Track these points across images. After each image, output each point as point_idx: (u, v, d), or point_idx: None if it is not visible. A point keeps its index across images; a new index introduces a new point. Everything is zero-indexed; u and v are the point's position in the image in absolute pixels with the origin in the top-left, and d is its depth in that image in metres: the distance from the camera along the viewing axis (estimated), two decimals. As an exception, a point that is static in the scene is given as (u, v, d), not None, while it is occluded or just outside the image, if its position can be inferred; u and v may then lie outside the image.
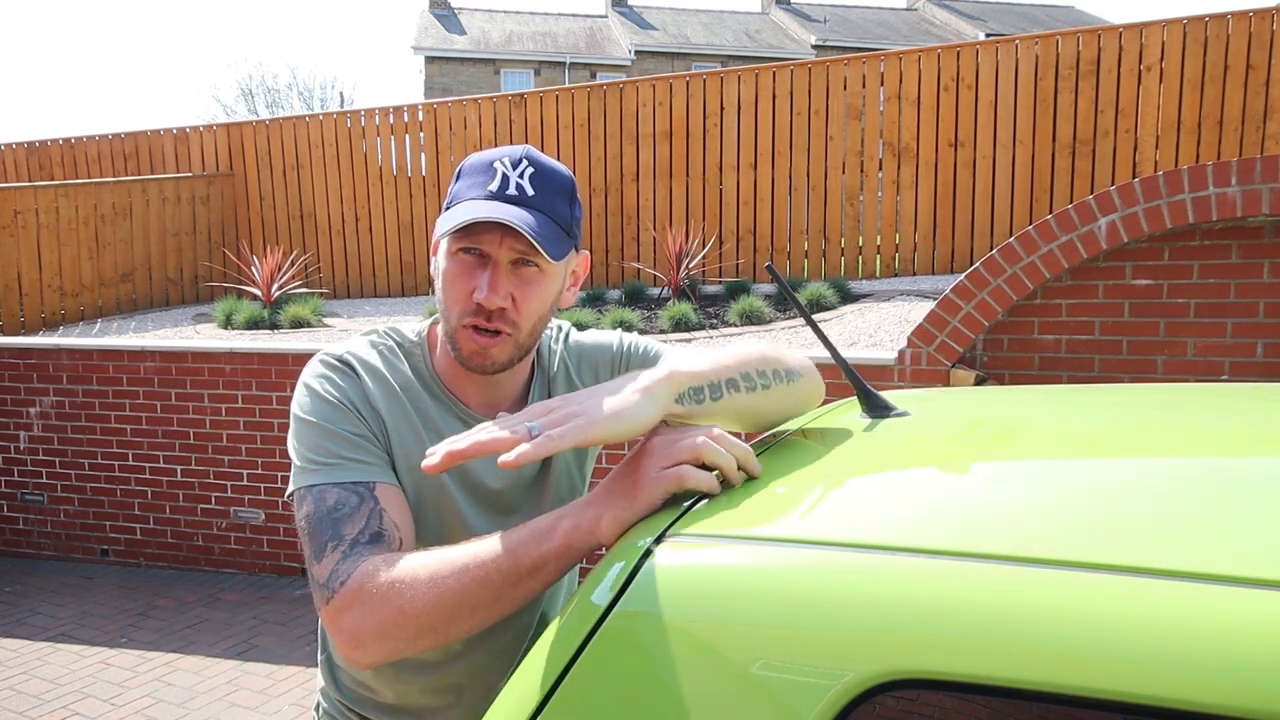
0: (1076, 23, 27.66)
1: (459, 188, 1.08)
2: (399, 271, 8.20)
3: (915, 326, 3.92)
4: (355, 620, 0.91)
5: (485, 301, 1.03)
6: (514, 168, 1.05)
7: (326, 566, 0.95)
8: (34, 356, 5.42)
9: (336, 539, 0.97)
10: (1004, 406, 1.23)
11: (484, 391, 1.15)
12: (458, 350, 1.08)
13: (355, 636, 0.91)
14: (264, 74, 40.96)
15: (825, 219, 7.10)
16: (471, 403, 1.15)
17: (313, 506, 1.00)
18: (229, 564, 5.21)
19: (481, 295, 1.03)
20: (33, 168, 9.36)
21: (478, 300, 1.04)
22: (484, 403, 1.15)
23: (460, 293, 1.06)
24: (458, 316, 1.07)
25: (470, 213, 1.01)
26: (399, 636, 0.89)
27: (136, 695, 3.73)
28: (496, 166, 1.06)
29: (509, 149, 1.08)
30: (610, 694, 0.70)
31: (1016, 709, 0.59)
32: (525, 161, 1.06)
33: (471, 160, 1.09)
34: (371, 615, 0.90)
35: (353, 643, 0.91)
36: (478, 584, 0.86)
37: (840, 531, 0.71)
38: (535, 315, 1.08)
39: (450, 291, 1.07)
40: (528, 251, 1.04)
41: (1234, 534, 0.65)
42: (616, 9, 28.47)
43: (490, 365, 1.08)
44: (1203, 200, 3.48)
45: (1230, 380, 3.62)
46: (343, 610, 0.92)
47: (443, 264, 1.08)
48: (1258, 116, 6.07)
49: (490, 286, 1.04)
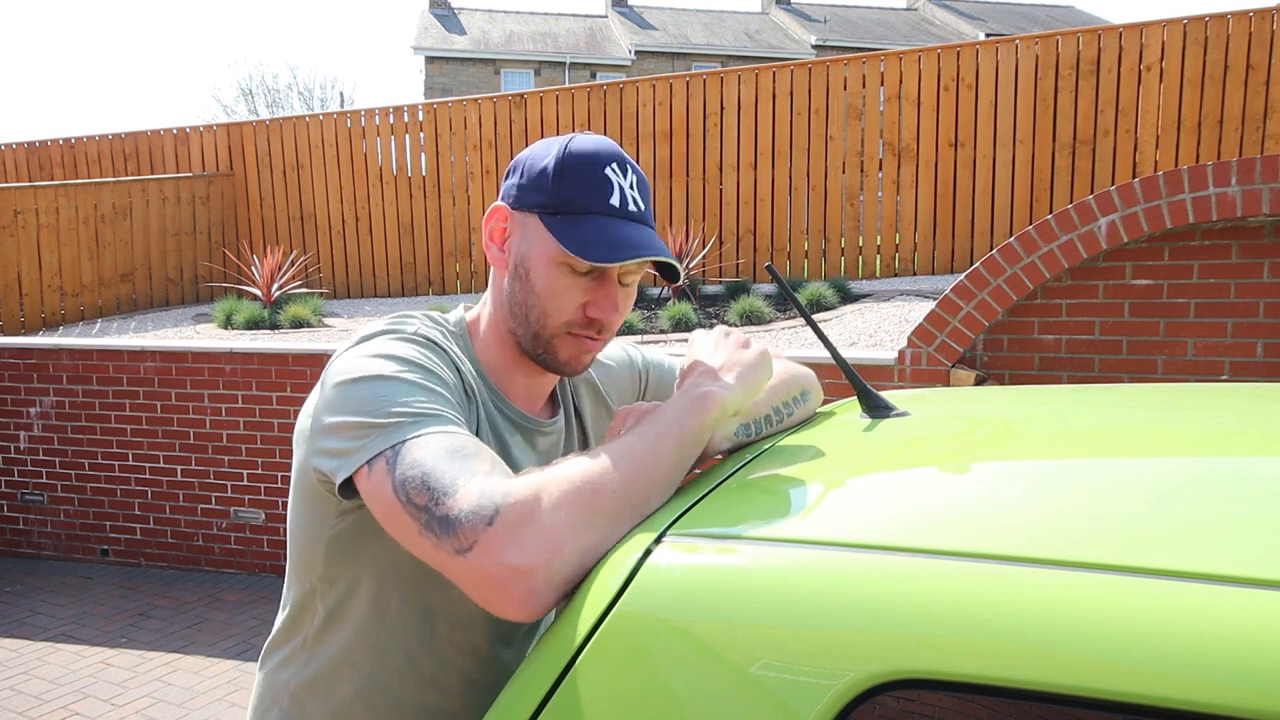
0: (1076, 23, 27.66)
1: (569, 192, 0.98)
2: (399, 272, 8.20)
3: (915, 326, 3.93)
4: (543, 529, 0.76)
5: (605, 319, 1.01)
6: (623, 175, 1.00)
7: (470, 493, 0.79)
8: (34, 356, 5.42)
9: (470, 472, 0.81)
10: (1004, 406, 1.23)
11: (531, 387, 1.11)
12: (552, 356, 1.03)
13: (548, 547, 0.75)
14: (264, 74, 41.03)
15: (825, 219, 7.10)
16: (515, 398, 1.10)
17: (421, 452, 0.82)
18: (229, 564, 5.21)
19: (600, 312, 1.00)
20: (33, 168, 9.36)
21: (594, 316, 1.01)
22: (526, 399, 1.12)
23: (569, 304, 1.00)
24: (562, 326, 1.01)
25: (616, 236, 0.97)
26: (599, 528, 0.78)
27: (136, 695, 3.73)
28: (610, 176, 0.99)
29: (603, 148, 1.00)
30: (610, 694, 0.70)
31: (1016, 709, 0.59)
32: (628, 167, 1.01)
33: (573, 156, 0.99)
34: (566, 511, 0.77)
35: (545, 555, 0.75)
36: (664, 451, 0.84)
37: (840, 531, 0.71)
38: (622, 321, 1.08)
39: (556, 302, 1.00)
40: (635, 270, 1.02)
41: (1233, 534, 0.65)
42: (616, 9, 28.47)
43: (583, 369, 1.07)
44: (1203, 200, 3.48)
45: (1230, 380, 3.62)
46: (520, 524, 0.76)
47: (546, 272, 1.00)
48: (1258, 116, 6.07)
49: (611, 304, 1.01)
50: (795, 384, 1.14)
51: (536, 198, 1.00)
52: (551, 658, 0.74)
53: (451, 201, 8.04)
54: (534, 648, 0.79)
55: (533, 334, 1.02)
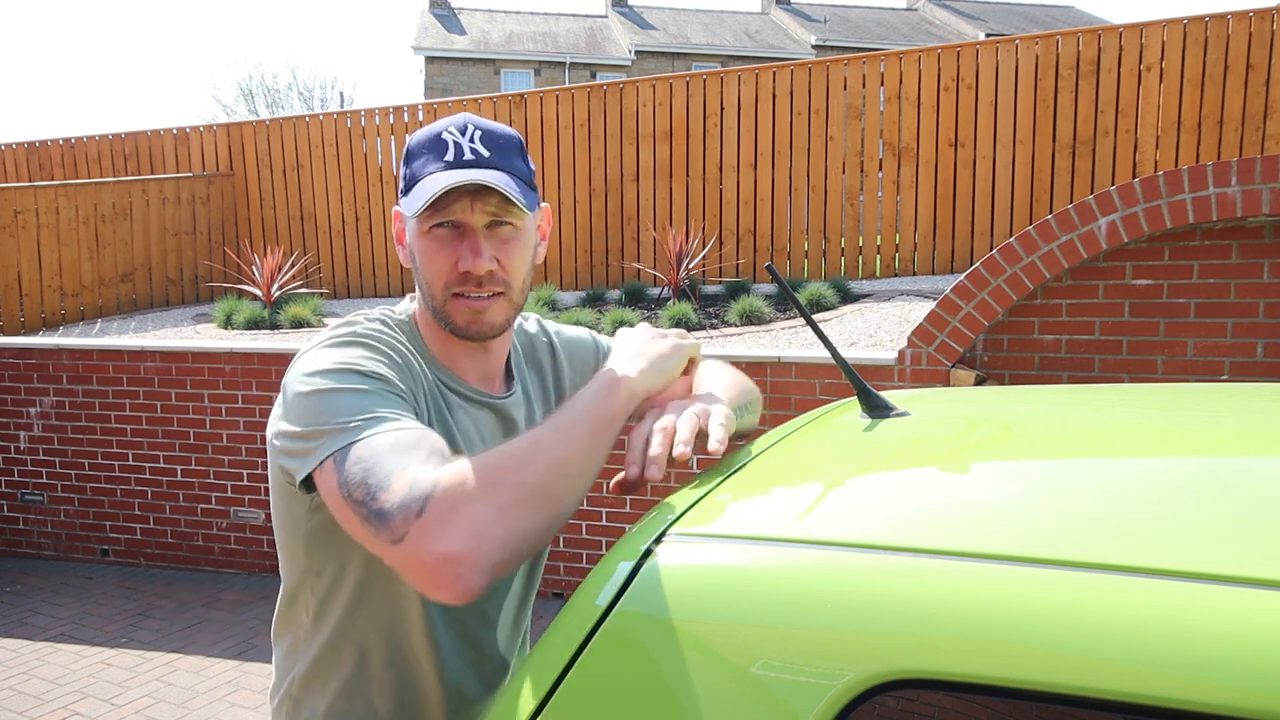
0: (1076, 23, 27.66)
1: (413, 168, 1.06)
2: (399, 271, 8.20)
3: (915, 326, 3.92)
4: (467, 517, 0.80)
5: (473, 268, 1.03)
6: (463, 134, 1.04)
7: (400, 486, 0.83)
8: (34, 356, 5.42)
9: (403, 465, 0.85)
10: (1004, 406, 1.23)
11: (478, 366, 1.15)
12: (451, 323, 1.07)
13: (473, 534, 0.80)
14: (264, 74, 40.99)
15: (825, 219, 7.10)
16: (469, 378, 1.14)
17: (362, 450, 0.88)
18: (229, 564, 5.21)
19: (467, 263, 1.03)
20: (33, 168, 9.36)
21: (464, 269, 1.03)
22: (480, 377, 1.15)
23: (442, 266, 1.05)
24: (443, 290, 1.06)
25: (436, 185, 1.00)
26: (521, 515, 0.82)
27: (136, 695, 3.73)
28: (445, 138, 1.04)
29: (449, 119, 1.07)
30: (610, 694, 0.70)
31: (1016, 709, 0.59)
32: (471, 126, 1.05)
33: (416, 138, 1.07)
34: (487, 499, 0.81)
35: (471, 543, 0.79)
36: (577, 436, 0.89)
37: (840, 531, 0.71)
38: (522, 272, 1.09)
39: (431, 267, 1.05)
40: (499, 211, 1.04)
41: (1233, 534, 0.65)
42: (616, 9, 28.47)
43: (489, 329, 1.08)
44: (1203, 200, 3.48)
45: (1230, 380, 3.62)
46: (446, 514, 0.80)
47: (418, 245, 1.06)
48: (1258, 116, 6.07)
49: (474, 252, 1.03)
50: (751, 395, 1.21)
51: (399, 188, 1.09)
52: (551, 658, 0.74)
53: (451, 201, 8.03)
54: (534, 648, 0.79)
55: (433, 308, 1.08)
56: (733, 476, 0.91)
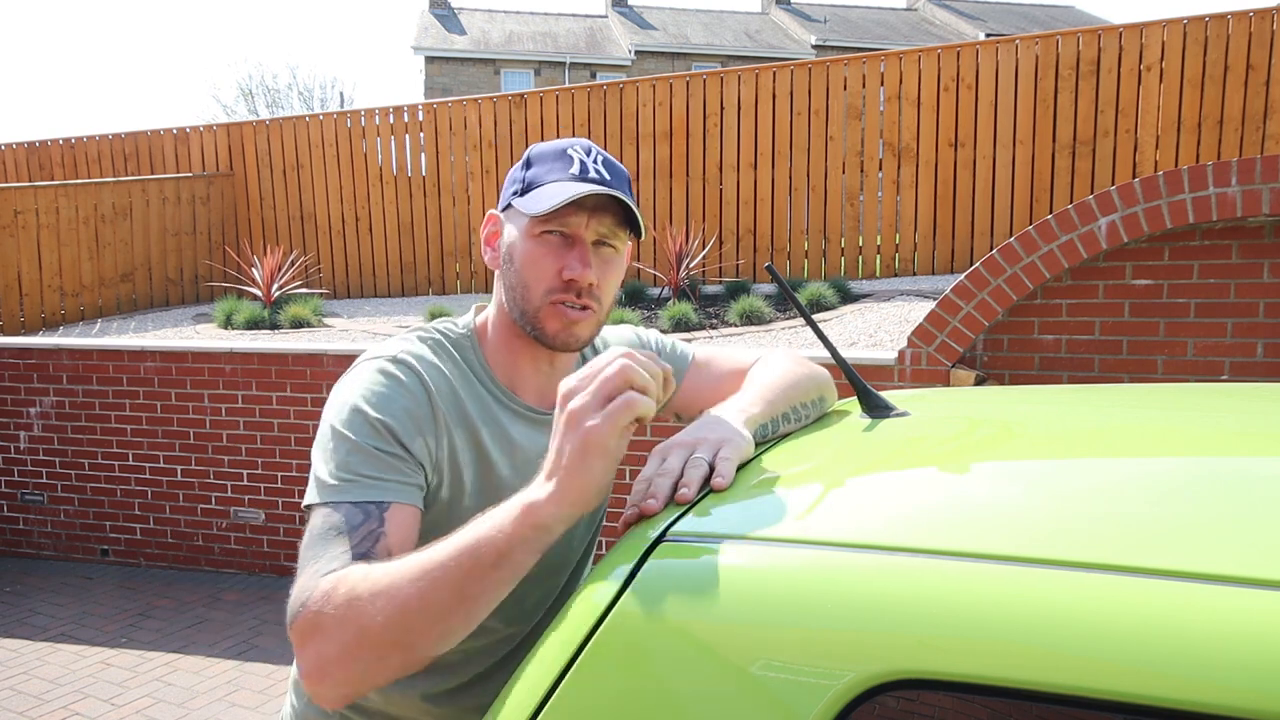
0: (1076, 23, 27.66)
1: (534, 173, 1.07)
2: (399, 272, 8.20)
3: (915, 326, 3.92)
4: (316, 648, 0.82)
5: (579, 276, 1.03)
6: (587, 155, 1.07)
7: (296, 586, 0.88)
8: (34, 356, 5.42)
9: (317, 559, 0.89)
10: (1004, 406, 1.23)
11: (540, 380, 1.14)
12: (540, 329, 1.07)
13: (318, 666, 0.82)
14: (264, 74, 40.96)
15: (825, 219, 7.10)
16: (527, 397, 1.14)
17: (316, 522, 0.94)
18: (229, 564, 5.21)
19: (575, 272, 1.03)
20: (33, 168, 9.36)
21: (569, 277, 1.04)
22: (538, 397, 1.14)
23: (546, 271, 1.05)
24: (543, 295, 1.05)
25: (566, 191, 1.02)
26: (363, 660, 0.81)
27: (136, 695, 3.73)
28: (571, 154, 1.07)
29: (571, 140, 1.09)
30: (610, 694, 0.70)
31: (1016, 709, 0.59)
32: (594, 149, 1.08)
33: (539, 149, 1.09)
34: (332, 639, 0.81)
35: (316, 674, 0.83)
36: (437, 586, 0.80)
37: (840, 531, 0.71)
38: (612, 294, 1.11)
39: (533, 271, 1.05)
40: (609, 233, 1.06)
41: (1233, 534, 0.65)
42: (616, 9, 28.46)
43: (575, 341, 1.08)
44: (1203, 200, 3.48)
45: (1230, 380, 3.62)
46: (304, 635, 0.83)
47: (523, 247, 1.06)
48: (1258, 116, 6.07)
49: (582, 262, 1.04)
50: (813, 386, 1.17)
51: (512, 189, 1.10)
52: (551, 658, 0.74)
53: (452, 201, 8.04)
54: (534, 648, 0.79)
55: (522, 311, 1.08)
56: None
